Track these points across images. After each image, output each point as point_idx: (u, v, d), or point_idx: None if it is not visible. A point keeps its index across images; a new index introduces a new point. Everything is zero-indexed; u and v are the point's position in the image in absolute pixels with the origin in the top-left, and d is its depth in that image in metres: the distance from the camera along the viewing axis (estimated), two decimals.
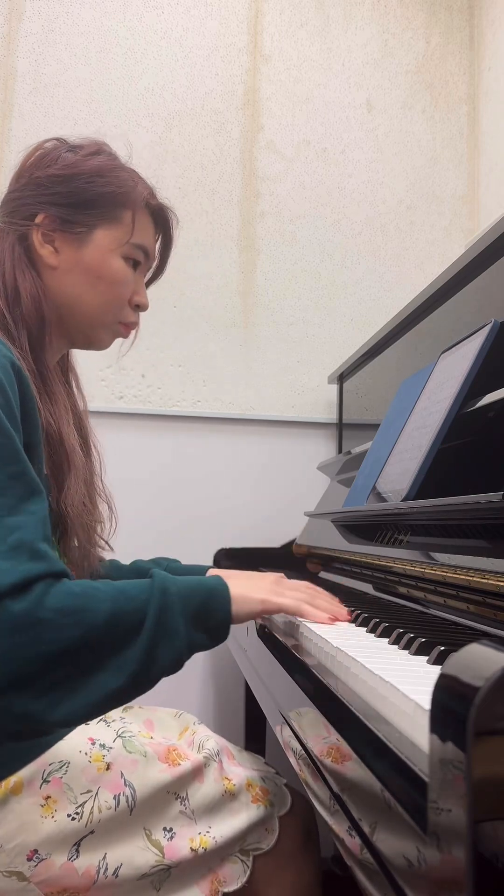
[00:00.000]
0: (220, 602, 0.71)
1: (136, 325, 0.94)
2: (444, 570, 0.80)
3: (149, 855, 0.74)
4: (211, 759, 0.84)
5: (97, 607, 0.62)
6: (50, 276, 0.85)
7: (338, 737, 0.51)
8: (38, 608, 0.59)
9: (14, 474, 0.64)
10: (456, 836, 0.31)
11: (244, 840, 0.81)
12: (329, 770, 0.54)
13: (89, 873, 0.71)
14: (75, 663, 0.60)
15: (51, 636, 0.58)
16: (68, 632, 0.59)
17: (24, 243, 0.84)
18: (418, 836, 0.35)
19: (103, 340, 0.92)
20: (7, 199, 0.87)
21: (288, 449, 1.95)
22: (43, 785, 0.72)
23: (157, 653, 0.64)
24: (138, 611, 0.64)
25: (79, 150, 0.87)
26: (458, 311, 1.20)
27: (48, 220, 0.84)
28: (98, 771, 0.75)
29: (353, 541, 1.25)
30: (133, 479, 1.81)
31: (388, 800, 0.40)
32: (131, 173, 0.89)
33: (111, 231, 0.86)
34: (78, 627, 0.60)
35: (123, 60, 1.93)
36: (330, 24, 2.07)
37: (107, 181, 0.85)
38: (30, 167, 0.86)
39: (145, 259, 0.91)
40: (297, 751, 0.67)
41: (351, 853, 0.47)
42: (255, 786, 0.85)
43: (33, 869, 0.69)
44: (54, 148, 0.88)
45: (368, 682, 0.51)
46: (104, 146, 0.90)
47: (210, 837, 0.78)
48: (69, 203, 0.84)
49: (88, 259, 0.85)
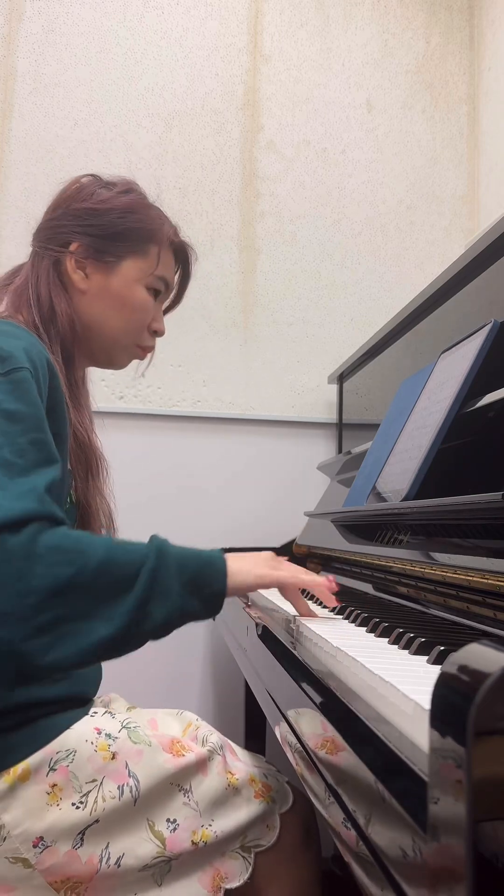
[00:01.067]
0: (217, 572, 0.72)
1: (153, 349, 1.02)
2: (444, 570, 0.80)
3: (150, 846, 0.75)
4: (215, 752, 0.85)
5: (91, 551, 0.63)
6: (79, 300, 0.93)
7: (338, 736, 0.51)
8: (32, 543, 0.60)
9: (35, 441, 0.68)
10: (456, 836, 0.31)
11: (245, 835, 0.82)
12: (329, 770, 0.54)
13: (92, 862, 0.72)
14: (66, 605, 0.60)
15: (41, 570, 0.60)
16: (59, 569, 0.60)
17: (58, 268, 0.92)
18: (418, 836, 0.35)
19: (122, 361, 0.99)
20: (43, 226, 0.96)
21: (288, 449, 1.95)
22: (49, 773, 0.74)
23: (148, 608, 0.64)
24: (133, 564, 0.65)
25: (112, 186, 0.96)
26: (458, 311, 1.20)
27: (81, 249, 0.92)
28: (104, 760, 0.77)
29: (353, 541, 1.25)
30: (133, 479, 1.81)
31: (388, 800, 0.40)
32: (158, 212, 0.98)
33: (138, 263, 0.94)
34: (69, 566, 0.61)
35: (123, 60, 1.93)
36: (330, 24, 2.07)
37: (138, 218, 0.94)
38: (66, 199, 0.94)
39: (165, 289, 0.99)
40: (297, 750, 0.67)
41: (348, 847, 0.47)
42: (258, 781, 0.86)
43: (38, 856, 0.71)
44: (90, 183, 0.96)
45: (368, 682, 0.51)
46: (135, 185, 0.99)
47: (211, 831, 0.79)
48: (102, 235, 0.92)
49: (115, 287, 0.93)
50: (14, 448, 0.66)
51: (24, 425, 0.68)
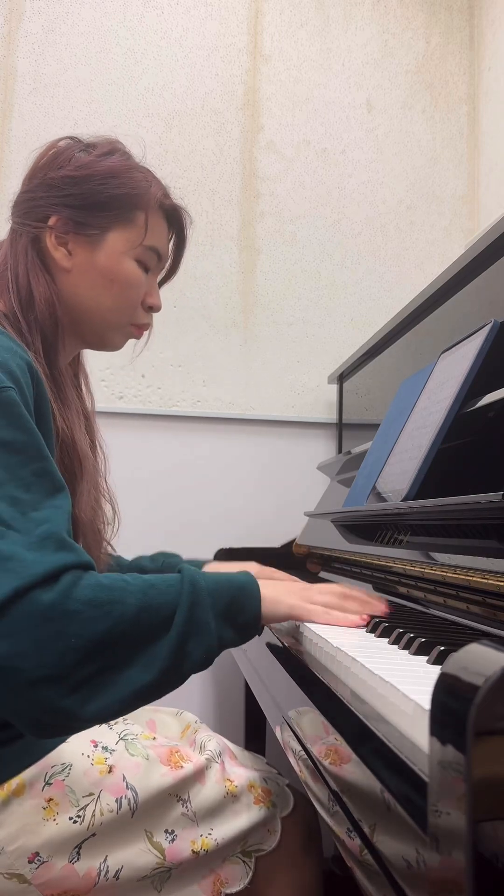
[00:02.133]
0: (251, 600, 0.71)
1: (149, 326, 0.93)
2: (444, 570, 0.80)
3: (150, 857, 0.74)
4: (213, 760, 0.84)
5: (126, 599, 0.61)
6: (63, 279, 0.84)
7: (337, 737, 0.51)
8: (67, 599, 0.58)
9: (38, 471, 0.64)
10: (456, 836, 0.31)
11: (245, 841, 0.81)
12: (328, 770, 0.54)
13: (90, 875, 0.71)
14: (105, 657, 0.59)
15: (79, 628, 0.58)
16: (97, 624, 0.58)
17: (38, 246, 0.84)
18: (418, 836, 0.35)
19: (116, 342, 0.91)
20: (19, 199, 0.87)
21: (288, 449, 1.95)
22: (45, 787, 0.72)
23: (187, 648, 0.63)
24: (168, 605, 0.63)
25: (92, 149, 0.86)
26: (458, 311, 1.20)
27: (61, 223, 0.83)
28: (100, 774, 0.75)
29: (353, 541, 1.25)
30: (133, 480, 1.81)
31: (388, 800, 0.40)
32: (145, 173, 0.88)
33: (124, 233, 0.85)
34: (107, 619, 0.59)
35: (123, 60, 1.93)
36: (330, 24, 2.07)
37: (120, 183, 0.84)
38: (42, 167, 0.85)
39: (158, 260, 0.90)
40: (297, 751, 0.67)
41: (351, 853, 0.47)
42: (257, 787, 0.85)
43: (34, 871, 0.69)
44: (67, 147, 0.86)
45: (368, 682, 0.51)
46: (118, 145, 0.89)
47: (212, 839, 0.77)
48: (82, 205, 0.83)
49: (101, 262, 0.84)
50: (19, 483, 0.62)
51: (25, 455, 0.64)
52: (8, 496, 0.61)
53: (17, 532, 0.59)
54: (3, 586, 0.56)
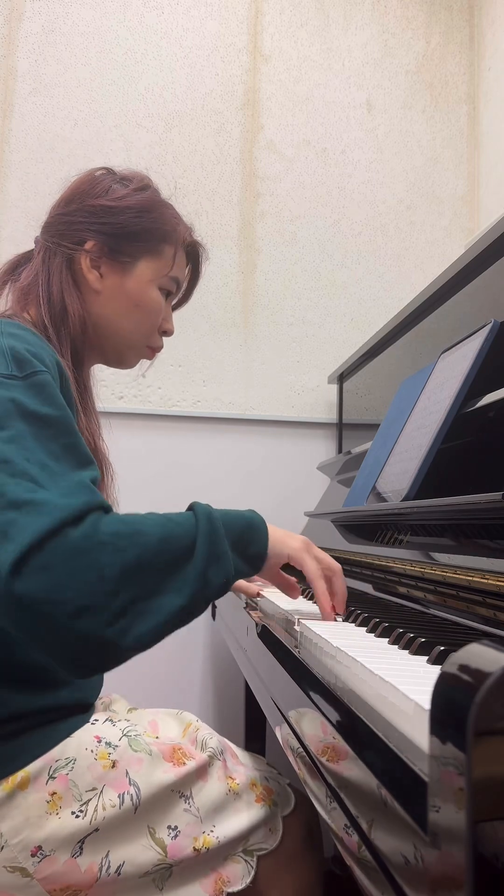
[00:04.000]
0: (259, 534, 0.77)
1: (161, 348, 1.00)
2: (444, 570, 0.80)
3: (152, 853, 0.74)
4: (215, 757, 0.84)
5: (148, 531, 0.65)
6: (92, 299, 0.90)
7: (337, 737, 0.51)
8: (94, 532, 0.61)
9: (68, 445, 0.68)
10: (456, 836, 0.31)
11: (247, 840, 0.81)
12: (329, 770, 0.54)
13: (92, 870, 0.71)
14: (137, 585, 0.62)
15: (110, 558, 0.61)
16: (126, 553, 0.62)
17: (72, 266, 0.90)
18: (418, 836, 0.35)
19: (131, 361, 0.98)
20: (55, 220, 0.92)
21: (288, 449, 1.95)
22: (49, 781, 0.73)
23: (209, 575, 0.67)
24: (188, 535, 0.68)
25: (128, 183, 0.93)
26: (458, 311, 1.20)
27: (97, 247, 0.89)
28: (104, 769, 0.76)
29: (353, 541, 1.25)
30: (133, 480, 1.81)
31: (388, 800, 0.40)
32: (173, 211, 0.95)
33: (152, 263, 0.92)
34: (134, 548, 0.62)
35: (123, 60, 1.93)
36: (330, 24, 2.07)
37: (153, 218, 0.91)
38: (81, 194, 0.91)
39: (176, 290, 0.98)
40: (297, 750, 0.67)
41: (350, 852, 0.47)
42: (259, 785, 0.85)
43: (37, 865, 0.70)
44: (104, 178, 0.93)
45: (368, 682, 0.51)
46: (149, 181, 0.96)
47: (213, 837, 0.78)
48: (118, 234, 0.89)
49: (130, 288, 0.91)
50: (48, 454, 0.65)
51: (56, 430, 0.67)
52: (39, 462, 0.64)
53: (49, 490, 0.62)
54: (36, 524, 0.59)
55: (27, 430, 0.65)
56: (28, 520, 0.59)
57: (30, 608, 0.57)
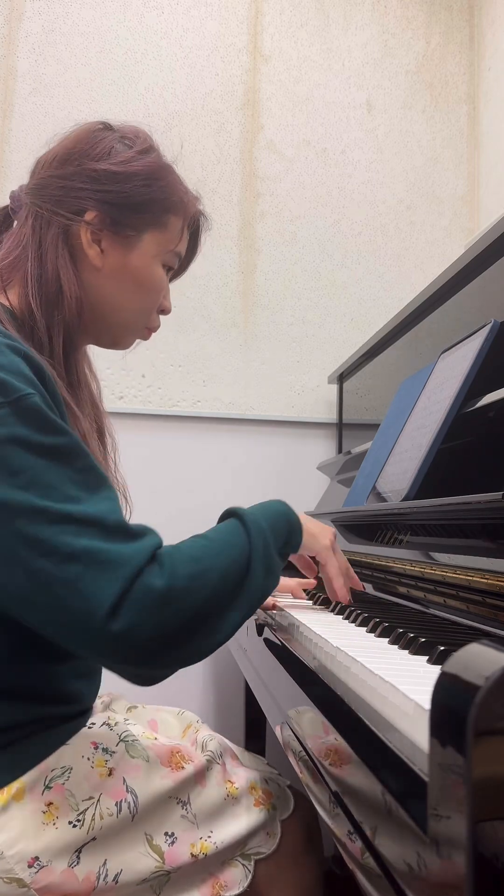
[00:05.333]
0: (297, 533, 0.80)
1: (158, 328, 0.92)
2: (444, 570, 0.80)
3: (149, 860, 0.73)
4: (214, 761, 0.83)
5: (216, 564, 0.67)
6: (92, 277, 0.80)
7: (338, 737, 0.51)
8: (174, 579, 0.62)
9: (85, 467, 0.65)
10: (456, 837, 0.31)
11: (245, 844, 0.80)
12: (329, 771, 0.54)
13: (89, 879, 0.70)
14: (210, 616, 0.65)
15: (190, 602, 0.63)
16: (200, 594, 0.64)
17: (69, 240, 0.78)
18: (418, 837, 0.35)
19: (127, 342, 0.90)
20: (48, 182, 0.80)
21: (288, 449, 1.95)
22: (45, 791, 0.71)
23: (266, 586, 0.71)
24: (244, 555, 0.70)
25: (130, 143, 0.82)
26: (458, 311, 1.20)
27: (98, 219, 0.78)
28: (100, 777, 0.74)
29: (353, 541, 1.25)
30: (133, 480, 1.80)
31: (388, 801, 0.40)
32: (179, 176, 0.87)
33: (158, 237, 0.82)
34: (206, 588, 0.64)
35: (123, 60, 1.93)
36: (330, 25, 2.07)
37: (162, 186, 0.82)
38: (79, 154, 0.80)
39: (177, 265, 0.89)
40: (298, 751, 0.67)
41: (352, 856, 0.47)
42: (258, 788, 0.84)
43: (34, 875, 0.68)
44: (105, 136, 0.82)
45: (368, 682, 0.51)
46: (153, 140, 0.85)
47: (211, 843, 0.77)
48: (123, 203, 0.79)
49: (134, 265, 0.81)
50: (72, 483, 0.63)
51: (69, 456, 0.64)
52: (68, 496, 0.62)
53: (93, 527, 0.61)
54: (112, 583, 0.59)
55: (42, 467, 0.61)
56: (94, 576, 0.58)
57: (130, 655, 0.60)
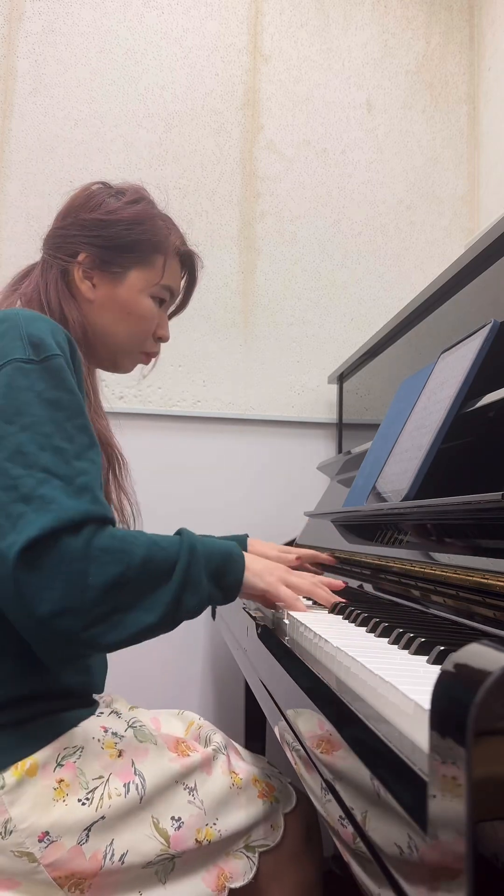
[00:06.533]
0: (236, 565, 0.83)
1: (157, 354, 1.04)
2: (444, 570, 0.80)
3: (154, 843, 0.75)
4: (219, 751, 0.86)
5: (135, 551, 0.71)
6: (87, 308, 0.95)
7: (338, 737, 0.51)
8: (87, 546, 0.68)
9: (79, 426, 0.74)
10: (456, 837, 0.31)
11: (249, 835, 0.82)
12: (329, 771, 0.54)
13: (96, 858, 0.72)
14: (116, 598, 0.69)
15: (95, 570, 0.68)
16: (111, 568, 0.69)
17: (66, 277, 0.94)
18: (419, 837, 0.35)
19: (126, 367, 1.02)
20: (53, 234, 0.97)
21: (288, 449, 1.95)
22: (57, 769, 0.74)
23: (183, 598, 0.74)
24: (169, 560, 0.74)
25: (121, 196, 0.97)
26: (458, 311, 1.20)
27: (89, 259, 0.93)
28: (110, 758, 0.77)
29: (353, 541, 1.25)
30: (133, 480, 1.80)
31: (388, 800, 0.40)
32: (166, 221, 0.99)
33: (144, 273, 0.96)
34: (118, 565, 0.69)
35: (123, 60, 1.93)
36: (330, 24, 2.07)
37: (144, 229, 0.95)
38: (76, 208, 0.96)
39: (170, 297, 1.01)
40: (297, 751, 0.67)
41: (351, 854, 0.47)
42: (261, 782, 0.86)
43: (43, 850, 0.71)
44: (99, 192, 0.97)
45: (368, 682, 0.51)
46: (144, 193, 1.00)
47: (216, 830, 0.79)
48: (109, 246, 0.93)
49: (122, 297, 0.95)
50: (63, 434, 0.72)
51: (69, 412, 0.74)
52: (54, 447, 0.71)
53: (61, 480, 0.69)
54: (39, 521, 0.66)
55: (44, 415, 0.72)
56: (34, 516, 0.66)
57: (21, 596, 0.65)
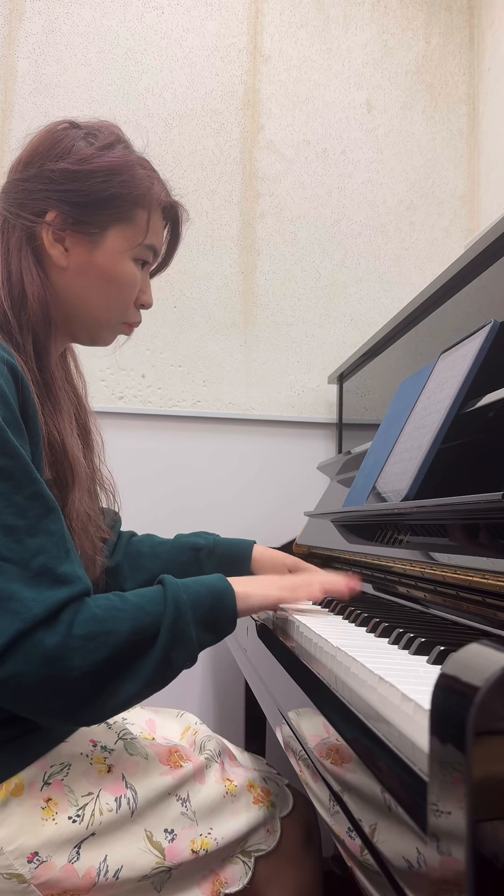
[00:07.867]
0: (226, 605, 0.76)
1: (140, 323, 0.91)
2: (444, 570, 0.80)
3: (150, 857, 0.73)
4: (212, 759, 0.84)
5: (119, 628, 0.66)
6: (58, 276, 0.81)
7: (337, 737, 0.51)
8: (68, 639, 0.63)
9: (31, 495, 0.65)
10: (456, 836, 0.31)
11: (245, 841, 0.80)
12: (329, 771, 0.54)
13: (90, 875, 0.70)
14: (102, 680, 0.65)
15: (80, 662, 0.63)
16: (96, 654, 0.64)
17: (33, 241, 0.80)
18: (418, 837, 0.35)
19: (107, 339, 0.89)
20: (12, 186, 0.81)
21: (288, 449, 1.95)
22: (44, 787, 0.72)
23: (171, 657, 0.69)
24: (154, 624, 0.69)
25: (93, 139, 0.82)
26: (458, 311, 1.20)
27: (59, 219, 0.79)
28: (99, 773, 0.75)
29: (353, 541, 1.25)
30: (133, 480, 1.80)
31: (388, 800, 0.40)
32: (147, 169, 0.85)
33: (124, 232, 0.82)
34: (104, 650, 0.65)
35: (123, 61, 1.93)
36: (330, 25, 2.07)
37: (123, 180, 0.80)
38: (41, 156, 0.81)
39: (153, 258, 0.88)
40: (297, 751, 0.67)
41: (351, 854, 0.47)
42: (257, 787, 0.84)
43: (34, 871, 0.69)
44: (66, 135, 0.81)
45: (368, 682, 0.51)
46: (119, 133, 0.85)
47: (211, 839, 0.77)
48: (82, 202, 0.79)
49: (100, 262, 0.81)
50: (13, 510, 0.64)
51: (16, 481, 0.64)
52: (4, 526, 0.63)
53: (14, 565, 0.62)
54: (6, 629, 0.61)
55: None
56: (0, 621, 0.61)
57: (9, 700, 0.63)
